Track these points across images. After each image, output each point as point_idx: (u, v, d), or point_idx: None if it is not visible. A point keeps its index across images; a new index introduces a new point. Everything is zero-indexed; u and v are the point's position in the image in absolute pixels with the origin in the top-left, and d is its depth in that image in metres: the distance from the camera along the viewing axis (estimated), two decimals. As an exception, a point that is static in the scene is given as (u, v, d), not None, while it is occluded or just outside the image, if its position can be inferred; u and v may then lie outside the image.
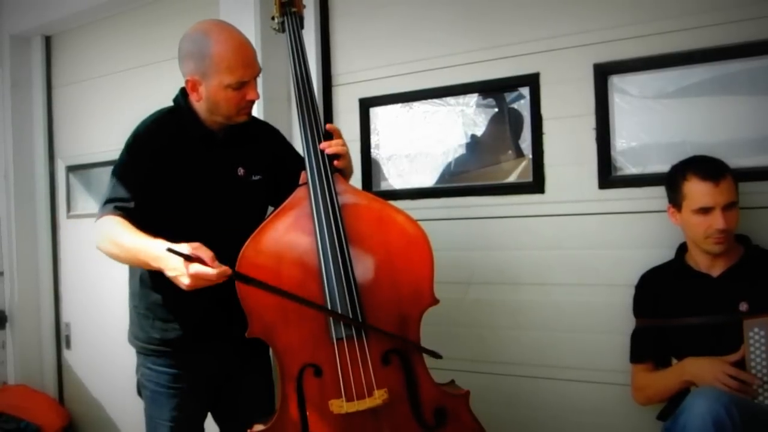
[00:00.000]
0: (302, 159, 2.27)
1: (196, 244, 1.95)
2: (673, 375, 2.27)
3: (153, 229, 2.24)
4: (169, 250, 1.92)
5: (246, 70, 2.19)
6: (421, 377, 2.17)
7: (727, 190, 2.18)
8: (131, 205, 2.15)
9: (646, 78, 2.59)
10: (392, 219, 2.23)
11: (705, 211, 2.20)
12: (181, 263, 1.92)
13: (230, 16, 3.11)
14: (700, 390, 2.06)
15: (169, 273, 1.96)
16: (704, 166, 2.23)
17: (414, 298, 2.18)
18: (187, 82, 2.23)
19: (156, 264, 1.99)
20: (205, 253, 1.92)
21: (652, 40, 2.54)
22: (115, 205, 2.15)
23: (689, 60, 2.49)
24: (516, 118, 2.91)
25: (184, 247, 1.93)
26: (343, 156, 2.27)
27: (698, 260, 2.31)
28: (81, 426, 4.46)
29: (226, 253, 2.12)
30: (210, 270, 1.90)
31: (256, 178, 2.36)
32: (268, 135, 2.49)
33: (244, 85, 2.20)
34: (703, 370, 2.15)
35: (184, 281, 1.92)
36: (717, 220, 2.18)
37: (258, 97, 2.26)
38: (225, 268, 1.93)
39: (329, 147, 2.25)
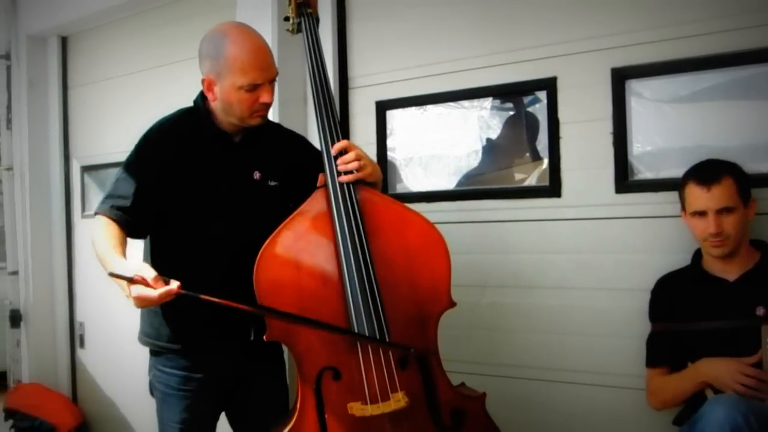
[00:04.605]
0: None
1: (140, 266, 1.99)
2: (689, 377, 2.27)
3: (168, 231, 2.28)
4: (111, 274, 1.94)
5: (260, 73, 2.19)
6: (438, 379, 2.18)
7: (720, 195, 2.20)
8: (128, 203, 2.17)
9: (662, 82, 2.59)
10: (411, 221, 2.23)
11: (700, 214, 2.24)
12: (125, 285, 1.94)
13: (247, 17, 3.12)
14: (718, 397, 2.06)
15: (122, 292, 1.98)
16: (701, 171, 2.27)
17: (432, 300, 2.19)
18: (203, 81, 2.24)
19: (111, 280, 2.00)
20: (148, 273, 1.93)
21: (668, 45, 2.53)
22: (112, 203, 2.18)
23: (706, 64, 2.48)
24: (532, 121, 2.91)
25: (129, 269, 1.94)
26: (361, 168, 2.22)
27: (712, 264, 2.31)
28: (94, 425, 4.47)
29: (242, 255, 2.15)
30: (152, 292, 1.90)
31: (272, 183, 2.35)
32: (288, 141, 2.48)
33: (257, 88, 2.19)
34: (720, 371, 2.14)
35: (130, 302, 1.95)
36: (710, 224, 2.21)
37: (272, 101, 2.25)
38: (168, 289, 1.91)
39: (343, 165, 2.21)
